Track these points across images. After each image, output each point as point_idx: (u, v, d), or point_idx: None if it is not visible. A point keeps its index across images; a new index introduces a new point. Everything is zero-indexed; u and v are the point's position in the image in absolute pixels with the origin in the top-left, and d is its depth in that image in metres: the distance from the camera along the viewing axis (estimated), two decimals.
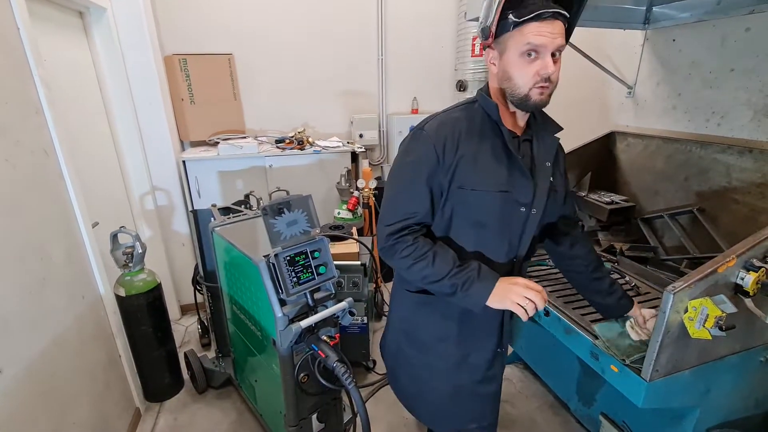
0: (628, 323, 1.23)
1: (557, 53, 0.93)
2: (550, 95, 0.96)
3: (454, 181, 0.99)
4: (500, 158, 1.00)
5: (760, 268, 1.02)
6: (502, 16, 0.91)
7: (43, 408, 1.33)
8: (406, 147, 1.05)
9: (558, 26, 0.90)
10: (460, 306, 1.06)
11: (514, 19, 0.90)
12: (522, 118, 1.04)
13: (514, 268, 1.10)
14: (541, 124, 1.09)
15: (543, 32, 0.89)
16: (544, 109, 1.03)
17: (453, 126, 1.00)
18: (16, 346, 1.24)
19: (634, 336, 1.19)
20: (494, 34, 0.94)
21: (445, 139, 0.98)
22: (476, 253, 1.05)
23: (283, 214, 1.32)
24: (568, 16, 0.92)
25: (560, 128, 1.11)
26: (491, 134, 1.01)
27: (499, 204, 1.01)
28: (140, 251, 1.91)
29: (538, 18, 0.88)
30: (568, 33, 0.96)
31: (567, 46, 1.62)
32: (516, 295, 0.94)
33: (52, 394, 1.38)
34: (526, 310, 0.93)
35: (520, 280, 0.97)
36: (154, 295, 1.96)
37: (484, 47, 1.02)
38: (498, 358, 1.18)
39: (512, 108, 1.01)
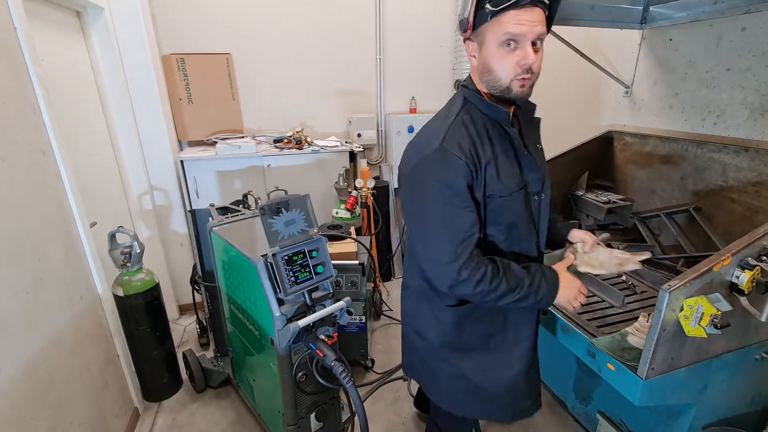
0: (568, 251, 1.17)
1: (538, 42, 0.90)
2: (531, 87, 0.95)
3: (485, 191, 0.98)
4: (511, 157, 1.01)
5: (755, 266, 1.03)
6: (479, 6, 0.89)
7: (42, 407, 1.33)
8: (434, 170, 0.96)
9: (537, 13, 0.87)
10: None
11: (491, 8, 0.87)
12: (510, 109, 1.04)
13: (540, 254, 1.14)
14: (523, 109, 1.09)
15: (522, 20, 0.86)
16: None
17: (468, 135, 0.97)
18: (14, 345, 1.24)
19: (579, 267, 1.17)
20: (472, 25, 0.92)
21: (469, 152, 0.95)
22: (511, 253, 1.07)
23: (281, 214, 1.32)
24: (548, 2, 0.89)
25: (535, 105, 1.12)
26: (496, 135, 1.00)
27: (522, 201, 1.03)
28: (138, 251, 1.91)
29: (515, 5, 0.86)
30: (550, 20, 0.92)
31: (566, 46, 1.64)
32: (575, 298, 1.08)
33: (50, 393, 1.38)
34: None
35: (575, 282, 1.08)
36: (153, 294, 1.96)
37: (464, 40, 1.00)
38: (536, 339, 1.21)
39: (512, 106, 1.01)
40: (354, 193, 2.68)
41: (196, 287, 2.39)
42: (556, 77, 2.61)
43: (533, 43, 0.89)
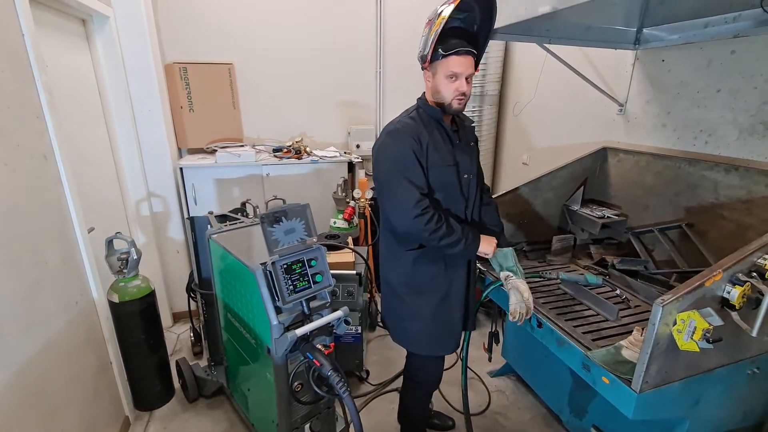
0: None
1: (469, 77, 1.36)
2: (465, 104, 1.41)
3: (428, 162, 1.37)
4: (447, 144, 1.43)
5: (745, 282, 1.05)
6: (435, 49, 1.32)
7: (33, 414, 1.32)
8: (389, 147, 1.37)
9: (469, 59, 1.34)
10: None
11: (442, 53, 1.32)
12: (449, 117, 1.46)
13: (470, 220, 1.52)
14: (463, 119, 1.54)
15: (460, 63, 1.32)
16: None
17: (415, 124, 1.39)
18: (8, 350, 1.23)
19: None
20: (429, 60, 1.35)
21: (414, 132, 1.36)
22: (446, 210, 1.44)
23: (280, 223, 1.33)
24: (476, 53, 1.36)
25: (473, 121, 1.59)
26: (436, 128, 1.42)
27: (453, 174, 1.43)
28: (135, 257, 1.90)
29: (457, 53, 1.31)
30: (477, 63, 1.40)
31: (563, 65, 1.97)
32: (491, 246, 1.47)
33: (41, 399, 1.36)
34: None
35: (492, 238, 1.48)
36: (148, 301, 1.95)
37: (422, 68, 1.42)
38: (470, 287, 1.59)
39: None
40: (352, 203, 2.70)
41: (192, 295, 2.38)
42: (553, 94, 2.67)
43: (466, 78, 1.35)
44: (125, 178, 2.45)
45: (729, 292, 1.06)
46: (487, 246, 1.45)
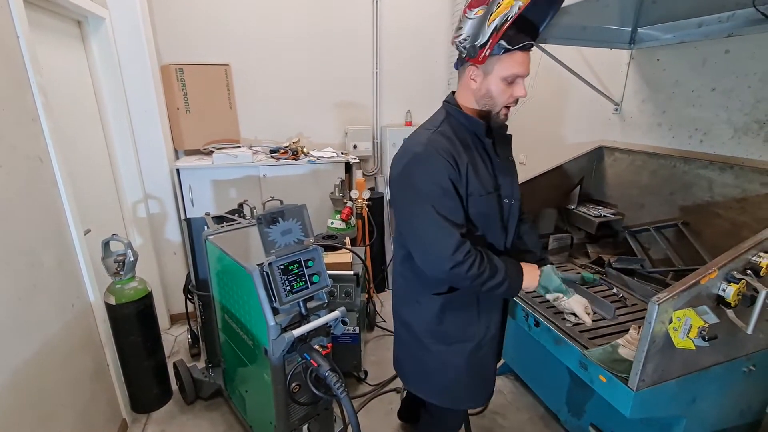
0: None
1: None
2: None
3: (468, 189, 1.10)
4: (487, 165, 1.15)
5: (740, 280, 1.05)
6: (497, 41, 1.00)
7: (28, 418, 1.31)
8: (417, 174, 1.07)
9: (530, 56, 1.07)
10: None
11: (507, 46, 1.01)
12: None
13: (507, 249, 1.27)
14: (497, 127, 1.20)
15: (525, 62, 1.05)
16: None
17: (447, 144, 1.09)
18: (3, 353, 1.23)
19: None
20: (487, 55, 1.02)
21: (450, 153, 1.07)
22: (484, 241, 1.19)
23: (277, 223, 1.33)
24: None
25: (506, 126, 1.23)
26: (473, 145, 1.14)
27: (495, 202, 1.17)
28: (132, 259, 1.90)
29: (524, 48, 1.02)
30: None
31: (559, 64, 1.77)
32: (535, 279, 1.20)
33: (37, 403, 1.36)
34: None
35: (534, 269, 1.21)
36: (145, 303, 1.95)
37: (462, 61, 1.12)
38: (502, 329, 1.38)
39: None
40: (349, 203, 2.70)
41: (189, 296, 2.37)
42: (550, 94, 2.67)
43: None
44: (122, 180, 2.44)
45: (724, 290, 1.06)
46: (530, 280, 1.19)
